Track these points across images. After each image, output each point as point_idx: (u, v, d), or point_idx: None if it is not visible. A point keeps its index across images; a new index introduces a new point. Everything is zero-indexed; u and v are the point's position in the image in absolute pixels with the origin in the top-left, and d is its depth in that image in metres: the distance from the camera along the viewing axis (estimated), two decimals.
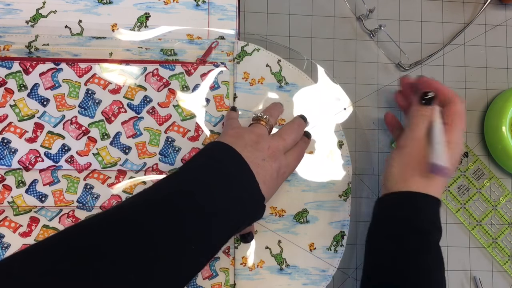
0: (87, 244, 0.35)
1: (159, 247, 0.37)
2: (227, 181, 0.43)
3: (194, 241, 0.40)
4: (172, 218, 0.39)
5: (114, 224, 0.37)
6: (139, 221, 0.38)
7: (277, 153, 0.48)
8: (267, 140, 0.48)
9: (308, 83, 0.58)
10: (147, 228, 0.38)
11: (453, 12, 0.63)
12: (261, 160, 0.46)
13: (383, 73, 0.61)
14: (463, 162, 0.61)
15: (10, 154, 0.52)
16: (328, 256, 0.56)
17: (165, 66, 0.55)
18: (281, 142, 0.49)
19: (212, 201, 0.42)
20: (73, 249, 0.35)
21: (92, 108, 0.54)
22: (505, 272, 0.59)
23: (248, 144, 0.46)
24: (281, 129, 0.52)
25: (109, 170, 0.54)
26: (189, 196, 0.41)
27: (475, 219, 0.60)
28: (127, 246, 0.36)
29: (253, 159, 0.45)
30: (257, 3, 0.60)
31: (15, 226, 0.52)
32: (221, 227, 0.42)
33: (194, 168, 0.45)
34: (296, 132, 0.52)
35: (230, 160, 0.45)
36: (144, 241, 0.37)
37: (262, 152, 0.47)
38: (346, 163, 0.58)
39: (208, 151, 0.46)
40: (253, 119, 0.52)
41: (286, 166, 0.49)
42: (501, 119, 0.58)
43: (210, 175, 0.43)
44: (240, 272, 0.55)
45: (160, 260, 0.37)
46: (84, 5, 0.56)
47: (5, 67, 0.52)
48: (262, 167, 0.46)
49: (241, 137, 0.47)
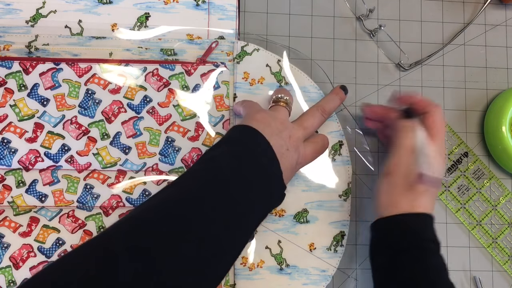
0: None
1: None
2: (260, 171, 0.44)
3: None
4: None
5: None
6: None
7: (297, 143, 0.49)
8: (289, 129, 0.49)
9: (308, 83, 0.58)
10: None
11: (453, 12, 0.63)
12: (285, 150, 0.47)
13: (383, 73, 0.61)
14: (463, 162, 0.61)
15: (10, 154, 0.52)
16: (328, 256, 0.56)
17: (165, 66, 0.55)
18: (301, 131, 0.50)
19: (249, 186, 0.43)
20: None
21: (92, 108, 0.54)
22: (505, 272, 0.59)
23: (275, 133, 0.47)
24: (302, 116, 0.53)
25: (109, 170, 0.54)
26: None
27: (475, 219, 0.60)
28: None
29: (278, 148, 0.46)
30: (257, 3, 0.60)
31: (15, 226, 0.52)
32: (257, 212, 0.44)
33: (228, 155, 0.45)
34: (317, 118, 0.53)
35: (261, 149, 0.45)
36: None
37: (285, 141, 0.47)
38: (346, 163, 0.58)
39: (239, 137, 0.47)
40: (273, 101, 0.53)
41: (304, 157, 0.50)
42: (501, 119, 0.58)
43: (244, 164, 0.44)
44: (240, 272, 0.55)
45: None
46: (84, 5, 0.56)
47: (5, 67, 0.52)
48: (285, 156, 0.46)
49: (268, 124, 0.47)
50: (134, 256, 0.35)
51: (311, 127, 0.52)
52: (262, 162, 0.45)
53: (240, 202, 0.42)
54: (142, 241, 0.36)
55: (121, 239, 0.36)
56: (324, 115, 0.53)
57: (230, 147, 0.45)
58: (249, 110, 0.51)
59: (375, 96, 0.60)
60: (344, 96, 0.56)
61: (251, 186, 0.43)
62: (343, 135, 0.58)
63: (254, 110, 0.50)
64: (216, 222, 0.40)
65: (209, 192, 0.41)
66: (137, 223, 0.38)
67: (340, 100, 0.55)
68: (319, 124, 0.53)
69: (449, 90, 0.62)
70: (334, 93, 0.56)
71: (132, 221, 0.39)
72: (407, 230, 0.47)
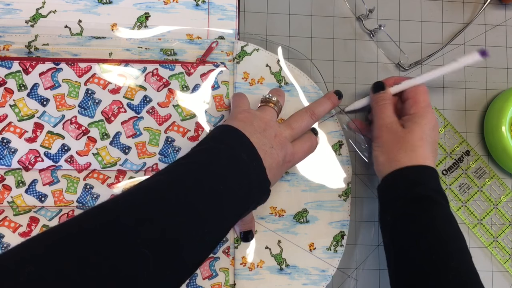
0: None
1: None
2: (237, 165, 0.44)
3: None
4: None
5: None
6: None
7: (283, 142, 0.49)
8: (274, 128, 0.49)
9: (308, 82, 0.58)
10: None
11: (453, 12, 0.63)
12: (269, 148, 0.47)
13: (383, 73, 0.61)
14: (465, 161, 0.61)
15: (9, 154, 0.52)
16: (328, 256, 0.56)
17: (164, 66, 0.55)
18: (288, 131, 0.51)
19: (224, 179, 0.43)
20: None
21: (92, 108, 0.54)
22: (506, 272, 0.59)
23: (257, 131, 0.47)
24: (290, 117, 0.54)
25: (109, 170, 0.54)
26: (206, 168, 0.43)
27: (476, 217, 0.60)
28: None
29: (261, 145, 0.46)
30: (257, 3, 0.60)
31: (15, 226, 0.52)
32: (231, 204, 0.44)
33: (204, 151, 0.45)
34: (305, 120, 0.53)
35: (241, 145, 0.45)
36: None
37: (269, 139, 0.47)
38: (346, 163, 0.58)
39: (218, 135, 0.47)
40: (261, 100, 0.53)
41: (292, 155, 0.50)
42: (501, 119, 0.58)
43: (222, 158, 0.44)
44: (240, 272, 0.54)
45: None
46: (84, 5, 0.56)
47: (4, 67, 0.52)
48: (269, 154, 0.47)
49: (250, 123, 0.48)
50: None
51: (299, 128, 0.52)
52: (240, 157, 0.45)
53: (207, 192, 0.42)
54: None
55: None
56: (313, 118, 0.54)
57: (207, 144, 0.46)
58: (233, 110, 0.52)
59: None
60: (337, 101, 0.56)
61: (224, 179, 0.43)
62: (343, 135, 0.58)
63: (238, 110, 0.51)
64: (180, 213, 0.40)
65: (177, 185, 0.41)
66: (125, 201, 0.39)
67: (332, 104, 0.56)
68: (307, 126, 0.53)
69: (449, 90, 0.62)
70: (326, 97, 0.56)
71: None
72: (410, 180, 0.48)
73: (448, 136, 0.61)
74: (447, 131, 0.61)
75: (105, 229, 0.36)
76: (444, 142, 0.61)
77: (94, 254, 0.34)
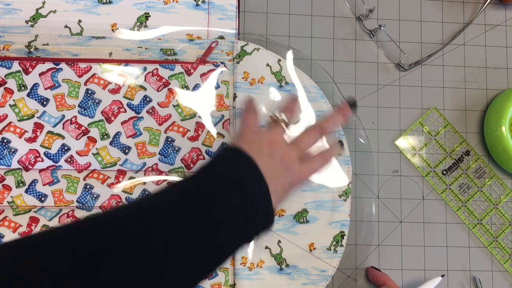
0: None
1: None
2: (242, 191, 0.42)
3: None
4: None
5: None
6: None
7: (290, 164, 0.46)
8: (281, 149, 0.46)
9: (308, 82, 0.58)
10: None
11: (453, 12, 0.63)
12: (276, 171, 0.44)
13: (383, 73, 0.61)
14: (465, 161, 0.61)
15: (9, 154, 0.52)
16: (328, 256, 0.56)
17: (164, 66, 0.55)
18: (295, 151, 0.47)
19: (223, 209, 0.41)
20: None
21: (92, 108, 0.54)
22: (506, 272, 0.59)
23: (264, 153, 0.45)
24: (299, 135, 0.49)
25: (109, 170, 0.54)
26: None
27: (476, 217, 0.60)
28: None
29: (267, 170, 0.44)
30: (257, 3, 0.60)
31: (15, 226, 0.52)
32: (227, 234, 0.41)
33: (209, 176, 0.44)
34: (312, 137, 0.49)
35: (247, 170, 0.43)
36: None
37: (276, 161, 0.45)
38: (346, 163, 0.58)
39: (225, 159, 0.45)
40: (271, 117, 0.49)
41: (298, 177, 0.47)
42: (501, 119, 0.58)
43: (225, 186, 0.42)
44: (239, 272, 0.54)
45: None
46: (83, 5, 0.56)
47: (4, 67, 0.52)
48: (275, 178, 0.44)
49: (257, 145, 0.45)
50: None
51: (306, 146, 0.49)
52: (241, 178, 0.43)
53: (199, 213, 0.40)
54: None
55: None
56: (322, 132, 0.50)
57: (209, 165, 0.44)
58: (242, 128, 0.50)
59: (375, 96, 0.60)
60: (349, 113, 0.51)
61: (215, 198, 0.41)
62: (343, 135, 0.58)
63: (246, 130, 0.49)
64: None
65: (174, 206, 0.40)
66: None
67: (344, 117, 0.51)
68: (315, 142, 0.50)
69: (449, 90, 0.62)
70: (338, 111, 0.51)
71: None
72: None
73: (448, 136, 0.61)
74: (447, 131, 0.61)
75: (104, 229, 0.36)
76: (444, 142, 0.61)
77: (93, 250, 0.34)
